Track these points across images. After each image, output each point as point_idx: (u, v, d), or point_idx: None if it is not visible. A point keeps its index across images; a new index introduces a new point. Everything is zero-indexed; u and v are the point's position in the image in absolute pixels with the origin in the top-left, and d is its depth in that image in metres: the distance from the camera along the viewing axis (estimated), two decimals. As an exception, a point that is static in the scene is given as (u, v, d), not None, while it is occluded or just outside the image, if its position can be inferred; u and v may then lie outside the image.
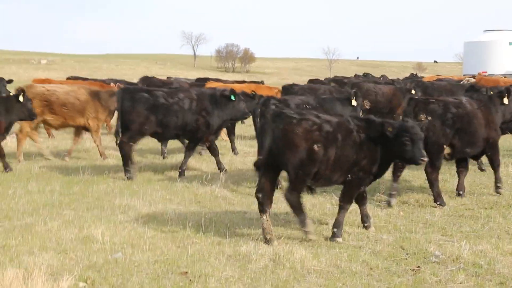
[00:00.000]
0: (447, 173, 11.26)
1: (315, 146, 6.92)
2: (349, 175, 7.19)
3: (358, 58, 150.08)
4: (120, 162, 12.32)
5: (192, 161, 11.96)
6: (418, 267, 6.28)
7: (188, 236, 7.31)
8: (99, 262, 6.31)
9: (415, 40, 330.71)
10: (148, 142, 15.63)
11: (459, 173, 9.64)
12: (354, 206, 8.66)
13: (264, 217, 7.03)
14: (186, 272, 6.06)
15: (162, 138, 11.91)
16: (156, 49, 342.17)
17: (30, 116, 11.71)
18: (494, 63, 45.13)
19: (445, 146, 9.01)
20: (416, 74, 28.44)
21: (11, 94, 11.92)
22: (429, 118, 8.70)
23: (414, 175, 11.21)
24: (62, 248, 6.79)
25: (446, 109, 8.98)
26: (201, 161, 12.57)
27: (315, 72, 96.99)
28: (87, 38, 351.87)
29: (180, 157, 12.32)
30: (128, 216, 8.17)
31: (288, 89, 16.43)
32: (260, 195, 7.07)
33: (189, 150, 11.51)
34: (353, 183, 7.27)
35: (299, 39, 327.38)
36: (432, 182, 9.02)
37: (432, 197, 9.13)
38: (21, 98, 11.39)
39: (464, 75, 35.98)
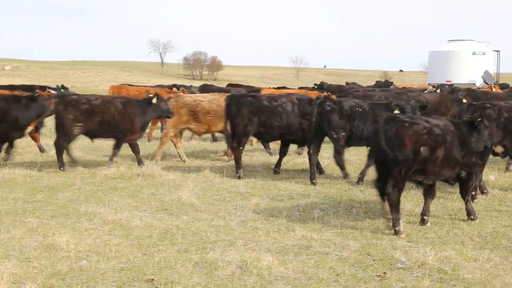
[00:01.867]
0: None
1: (422, 149, 7.76)
2: (461, 171, 8.18)
3: (325, 66, 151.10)
4: (86, 170, 12.23)
5: (158, 168, 11.88)
6: (384, 273, 6.32)
7: (155, 243, 7.25)
8: (64, 270, 6.22)
9: (381, 49, 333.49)
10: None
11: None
12: (320, 213, 8.73)
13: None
14: (152, 280, 6.00)
15: (267, 139, 12.79)
16: (123, 56, 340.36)
17: (166, 114, 13.13)
18: (458, 73, 45.76)
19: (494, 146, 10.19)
20: (384, 81, 28.49)
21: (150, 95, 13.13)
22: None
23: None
24: (25, 256, 6.67)
25: (499, 114, 10.28)
26: (168, 167, 12.50)
27: (283, 80, 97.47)
28: (52, 44, 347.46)
29: (144, 166, 12.23)
30: (94, 223, 8.07)
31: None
32: (379, 185, 8.02)
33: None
34: (466, 177, 8.28)
35: (265, 47, 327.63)
36: (477, 174, 9.72)
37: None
38: (154, 101, 12.77)
39: (428, 84, 36.41)
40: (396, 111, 11.10)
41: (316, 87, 25.06)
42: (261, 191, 10.49)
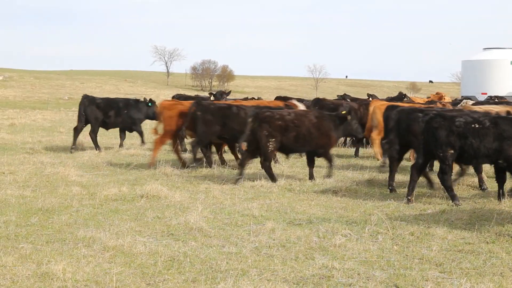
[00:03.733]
0: (445, 204, 11.32)
1: None
2: None
3: (346, 77, 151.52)
4: (84, 190, 12.27)
5: (164, 189, 11.91)
6: (414, 307, 6.28)
7: (160, 272, 7.24)
8: (60, 301, 6.23)
9: (408, 58, 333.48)
10: (116, 168, 15.57)
11: None
12: (342, 240, 8.68)
13: None
14: (157, 313, 5.99)
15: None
16: (126, 65, 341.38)
17: (354, 133, 14.81)
18: (495, 84, 45.58)
19: None
20: (405, 94, 28.31)
21: (343, 112, 14.68)
22: None
23: (409, 205, 11.25)
24: (18, 286, 6.69)
25: None
26: (175, 188, 12.52)
27: (300, 92, 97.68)
28: (48, 52, 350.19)
29: (148, 186, 12.23)
30: (93, 250, 8.09)
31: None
32: None
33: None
34: None
35: (281, 56, 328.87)
36: None
37: (429, 230, 9.23)
38: (348, 117, 14.25)
39: (462, 96, 36.30)
40: None
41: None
42: (277, 214, 10.47)
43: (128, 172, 15.14)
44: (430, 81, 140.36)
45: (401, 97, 26.25)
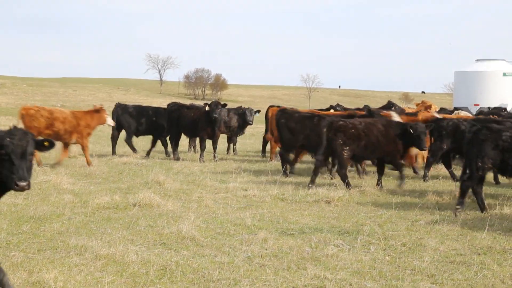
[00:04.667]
0: (437, 215, 11.35)
1: None
2: None
3: (340, 87, 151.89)
4: (76, 198, 12.25)
5: (156, 198, 11.90)
6: (406, 318, 6.29)
7: (152, 281, 7.24)
8: (51, 310, 6.22)
9: (401, 69, 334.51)
10: (109, 177, 15.55)
11: None
12: (334, 250, 8.68)
13: None
14: (149, 323, 5.98)
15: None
16: (119, 73, 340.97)
17: (419, 146, 14.60)
18: (487, 95, 45.76)
19: None
20: (394, 103, 28.22)
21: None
22: None
23: (401, 215, 11.27)
24: (9, 294, 6.66)
25: None
26: (167, 197, 12.51)
27: (293, 101, 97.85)
28: (41, 59, 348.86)
29: (141, 195, 12.22)
30: (85, 258, 8.07)
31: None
32: None
33: None
34: None
35: (275, 65, 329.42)
36: None
37: (421, 241, 9.24)
38: (410, 130, 14.35)
39: (454, 107, 36.34)
40: None
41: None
42: (269, 224, 10.47)
43: (121, 180, 15.12)
44: (423, 92, 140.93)
45: (389, 106, 26.26)
